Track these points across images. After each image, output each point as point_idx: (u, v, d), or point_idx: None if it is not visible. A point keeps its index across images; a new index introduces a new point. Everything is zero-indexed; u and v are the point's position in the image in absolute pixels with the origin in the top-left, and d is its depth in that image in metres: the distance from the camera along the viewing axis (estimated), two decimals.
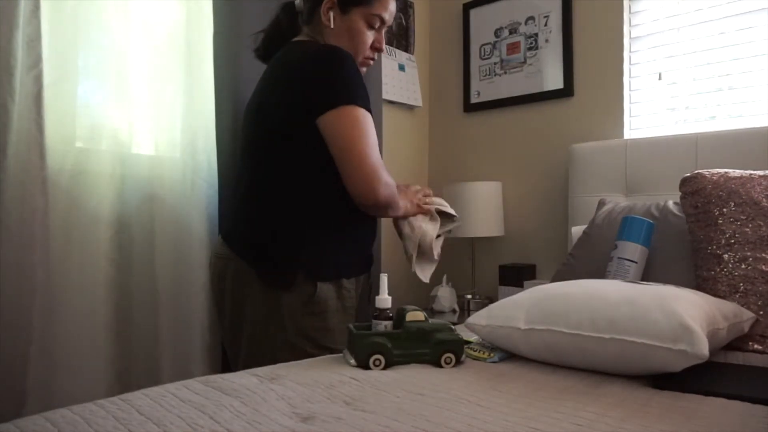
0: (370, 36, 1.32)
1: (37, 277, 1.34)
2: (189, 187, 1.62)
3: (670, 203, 1.59)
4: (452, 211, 1.48)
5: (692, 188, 1.41)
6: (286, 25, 1.38)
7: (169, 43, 1.62)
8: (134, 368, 1.54)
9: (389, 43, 2.51)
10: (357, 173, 1.21)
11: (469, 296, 2.41)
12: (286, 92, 1.24)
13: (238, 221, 1.35)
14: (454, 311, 2.34)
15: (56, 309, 1.39)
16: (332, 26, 1.29)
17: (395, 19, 2.56)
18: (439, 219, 1.46)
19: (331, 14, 1.29)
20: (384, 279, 1.11)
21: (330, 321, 1.26)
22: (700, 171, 1.44)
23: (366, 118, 1.21)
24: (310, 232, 1.25)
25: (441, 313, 2.32)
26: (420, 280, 1.48)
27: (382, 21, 1.32)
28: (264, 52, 1.43)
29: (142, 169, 1.58)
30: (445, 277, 2.38)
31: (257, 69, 1.77)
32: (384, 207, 1.26)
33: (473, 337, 1.23)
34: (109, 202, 1.49)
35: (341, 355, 1.10)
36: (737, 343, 1.19)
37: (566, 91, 2.30)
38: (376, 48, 1.35)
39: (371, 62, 1.38)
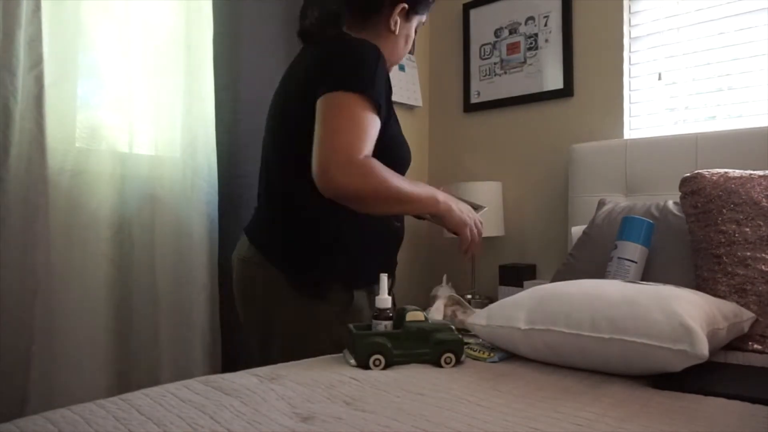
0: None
1: (38, 277, 1.34)
2: (189, 187, 1.62)
3: (670, 203, 1.59)
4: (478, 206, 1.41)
5: (692, 188, 1.41)
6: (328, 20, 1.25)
7: (169, 43, 1.63)
8: (134, 368, 1.54)
9: None
10: (317, 152, 1.03)
11: (469, 296, 2.41)
12: (301, 84, 1.16)
13: (266, 225, 1.24)
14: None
15: (57, 309, 1.39)
16: (396, 33, 1.26)
17: None
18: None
19: (398, 22, 1.25)
20: (384, 279, 1.11)
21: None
22: (700, 171, 1.44)
23: (359, 103, 1.05)
24: (345, 239, 1.18)
25: None
26: (422, 284, 1.48)
27: (423, 24, 1.36)
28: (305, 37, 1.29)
29: (142, 169, 1.58)
30: (445, 277, 2.38)
31: (257, 69, 1.78)
32: (352, 198, 1.06)
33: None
34: (109, 202, 1.49)
35: (341, 355, 1.10)
36: (737, 343, 1.19)
37: (566, 91, 2.30)
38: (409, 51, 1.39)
39: None
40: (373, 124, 1.08)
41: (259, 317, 1.24)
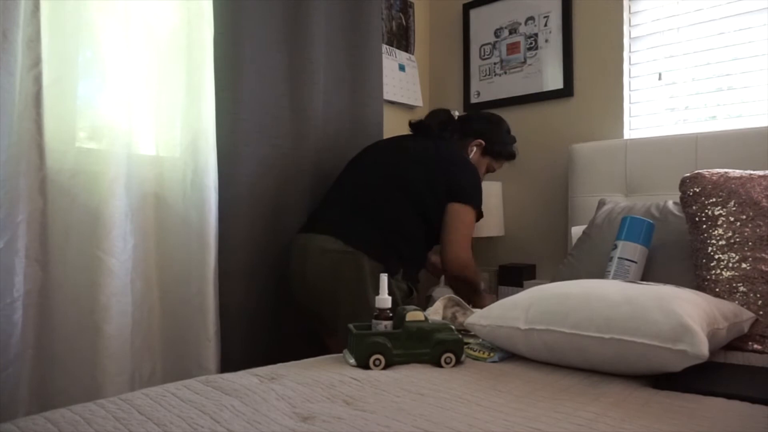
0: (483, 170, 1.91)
1: (36, 277, 1.34)
2: (189, 187, 1.62)
3: (670, 203, 1.59)
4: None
5: (692, 188, 1.41)
6: (443, 123, 1.87)
7: (169, 43, 1.63)
8: (133, 368, 1.54)
9: (389, 43, 2.51)
10: (450, 247, 1.68)
11: None
12: (439, 178, 1.67)
13: (365, 228, 1.61)
14: None
15: (55, 308, 1.39)
16: (471, 157, 1.85)
17: (395, 19, 2.56)
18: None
19: (475, 149, 1.86)
20: (384, 279, 1.11)
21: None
22: (700, 171, 1.44)
23: (474, 214, 1.71)
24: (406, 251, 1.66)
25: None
26: (418, 281, 1.52)
27: (495, 169, 1.95)
28: (417, 129, 1.89)
29: (142, 169, 1.58)
30: (443, 278, 2.38)
31: (258, 69, 1.78)
32: (459, 275, 1.72)
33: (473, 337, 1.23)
34: (108, 202, 1.49)
35: (341, 355, 1.10)
36: (737, 343, 1.19)
37: (566, 91, 2.30)
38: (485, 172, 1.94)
39: None
40: (473, 226, 1.73)
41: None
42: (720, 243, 1.32)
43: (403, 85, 2.56)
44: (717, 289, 1.28)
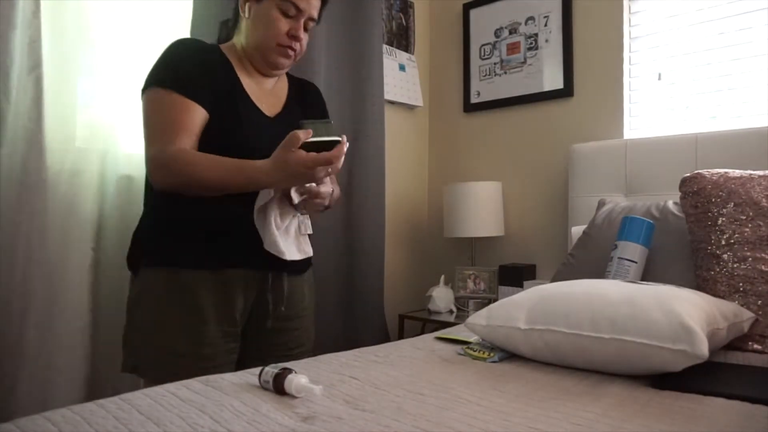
0: (285, 23, 1.27)
1: (34, 276, 1.34)
2: None
3: (670, 203, 1.59)
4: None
5: (692, 188, 1.41)
6: (224, 38, 1.39)
7: (168, 43, 1.63)
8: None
9: (389, 43, 2.51)
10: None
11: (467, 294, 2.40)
12: None
13: None
14: (450, 312, 2.34)
15: (54, 307, 1.39)
16: (248, 16, 1.29)
17: (395, 19, 2.56)
18: None
19: (248, 5, 1.29)
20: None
21: (159, 314, 1.17)
22: (700, 171, 1.44)
23: (150, 98, 1.18)
24: (145, 214, 1.27)
25: (437, 313, 2.32)
26: (420, 284, 1.46)
27: (298, 9, 1.27)
28: None
29: (143, 169, 1.58)
30: (442, 278, 2.38)
31: None
32: (157, 184, 1.18)
33: (473, 337, 1.23)
34: (107, 201, 1.49)
35: (340, 354, 1.10)
36: (737, 343, 1.19)
37: (566, 92, 2.30)
38: (292, 36, 1.28)
39: (291, 51, 1.30)
40: (160, 109, 1.17)
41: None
42: (720, 243, 1.32)
43: (404, 84, 2.56)
44: (717, 289, 1.28)
